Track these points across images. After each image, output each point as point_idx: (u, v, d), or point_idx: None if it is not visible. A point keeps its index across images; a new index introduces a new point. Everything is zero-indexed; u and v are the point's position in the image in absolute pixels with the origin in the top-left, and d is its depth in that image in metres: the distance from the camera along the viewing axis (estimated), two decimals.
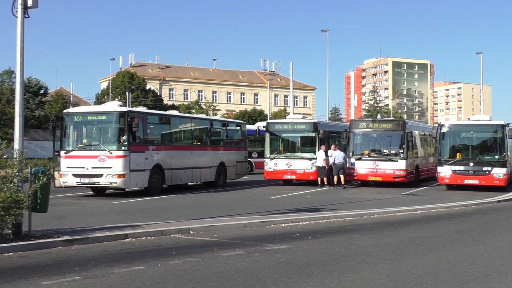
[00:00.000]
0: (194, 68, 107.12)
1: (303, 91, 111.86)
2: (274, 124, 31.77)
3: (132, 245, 11.56)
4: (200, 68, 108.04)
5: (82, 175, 22.21)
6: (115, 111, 22.57)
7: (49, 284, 8.02)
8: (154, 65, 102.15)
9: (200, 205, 20.15)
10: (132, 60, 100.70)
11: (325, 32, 54.49)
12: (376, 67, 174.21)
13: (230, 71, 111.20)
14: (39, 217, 12.84)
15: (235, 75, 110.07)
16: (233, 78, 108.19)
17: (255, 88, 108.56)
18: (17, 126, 12.05)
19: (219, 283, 8.12)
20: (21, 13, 11.92)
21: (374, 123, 30.04)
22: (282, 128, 30.82)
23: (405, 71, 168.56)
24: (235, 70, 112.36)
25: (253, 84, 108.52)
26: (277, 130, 30.74)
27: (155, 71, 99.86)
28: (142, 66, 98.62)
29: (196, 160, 27.15)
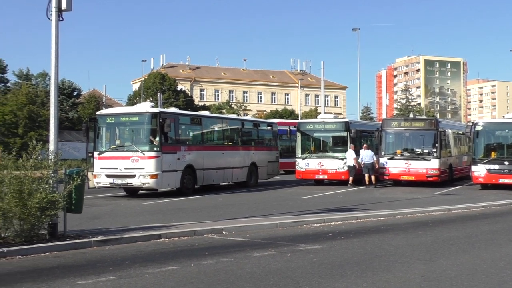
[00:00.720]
0: (225, 68, 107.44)
1: (334, 91, 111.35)
2: (305, 124, 31.71)
3: (165, 245, 11.64)
4: (230, 68, 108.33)
5: (115, 175, 22.42)
6: (147, 112, 22.75)
7: (85, 284, 8.10)
8: (185, 66, 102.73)
9: (232, 205, 20.19)
10: (164, 61, 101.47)
11: (356, 30, 54.27)
12: (408, 65, 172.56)
13: (261, 71, 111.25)
14: (73, 217, 12.99)
15: (266, 75, 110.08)
16: (263, 78, 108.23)
17: (285, 88, 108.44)
18: (52, 128, 12.21)
19: (252, 283, 8.12)
20: (55, 16, 12.08)
21: (406, 122, 29.80)
22: (313, 127, 30.72)
23: (438, 69, 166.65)
24: (266, 70, 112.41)
25: (283, 84, 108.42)
26: (308, 130, 30.65)
27: (186, 72, 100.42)
28: (173, 67, 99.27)
29: (228, 160, 27.21)
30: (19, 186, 10.90)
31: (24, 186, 10.97)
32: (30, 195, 10.91)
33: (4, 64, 71.55)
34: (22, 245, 10.65)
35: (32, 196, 10.90)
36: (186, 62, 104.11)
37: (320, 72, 56.68)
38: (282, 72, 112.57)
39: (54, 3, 12.04)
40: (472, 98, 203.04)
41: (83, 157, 40.51)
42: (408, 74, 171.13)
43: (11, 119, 57.89)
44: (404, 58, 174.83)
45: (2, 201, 10.77)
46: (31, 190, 11.00)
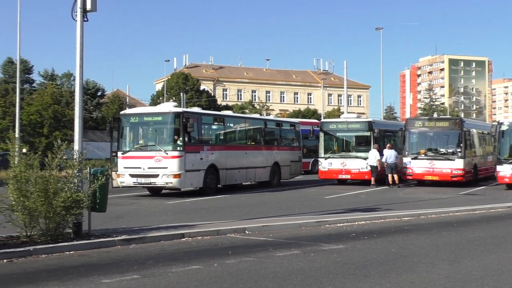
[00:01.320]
0: (248, 68, 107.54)
1: (357, 90, 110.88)
2: (328, 123, 31.64)
3: (189, 245, 11.68)
4: (253, 68, 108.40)
5: (139, 175, 22.55)
6: (170, 112, 22.85)
7: (109, 283, 8.16)
8: (208, 66, 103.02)
9: (254, 205, 20.20)
10: (187, 61, 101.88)
11: (380, 30, 53.94)
12: (432, 64, 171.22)
13: (284, 70, 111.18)
14: (98, 216, 13.09)
15: (289, 74, 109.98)
16: (286, 78, 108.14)
17: (308, 87, 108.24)
18: (76, 127, 12.31)
19: (275, 283, 8.12)
20: (80, 17, 12.19)
21: (430, 122, 29.59)
22: (336, 127, 30.63)
23: (462, 68, 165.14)
24: (289, 69, 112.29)
25: (306, 84, 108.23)
26: (332, 129, 30.58)
27: (209, 72, 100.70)
28: (196, 67, 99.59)
29: (251, 160, 27.24)
30: (44, 185, 11.01)
31: (50, 185, 11.08)
32: (55, 194, 11.02)
33: (30, 65, 72.37)
34: (47, 244, 10.76)
35: (57, 195, 11.01)
36: (209, 62, 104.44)
37: (343, 71, 56.54)
38: (305, 71, 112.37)
39: (79, 4, 12.15)
40: (497, 97, 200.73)
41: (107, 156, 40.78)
42: (432, 74, 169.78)
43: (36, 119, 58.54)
44: (428, 57, 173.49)
45: (28, 200, 10.89)
46: (56, 189, 11.12)
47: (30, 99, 62.32)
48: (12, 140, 12.67)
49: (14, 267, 9.38)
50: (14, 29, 40.01)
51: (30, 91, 69.47)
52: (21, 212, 10.94)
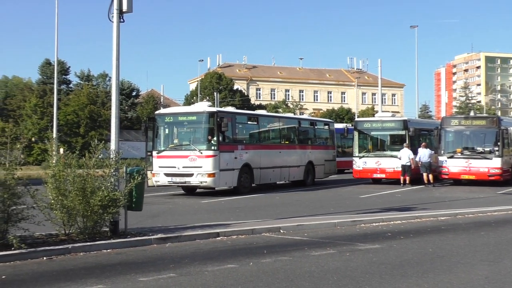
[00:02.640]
0: (281, 67, 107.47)
1: (392, 89, 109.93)
2: (363, 122, 31.45)
3: (224, 244, 11.71)
4: (286, 67, 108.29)
5: (174, 174, 22.71)
6: (204, 112, 22.96)
7: (146, 281, 8.23)
8: (242, 65, 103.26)
9: (289, 204, 20.18)
10: (220, 61, 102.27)
11: (414, 28, 53.39)
12: (468, 62, 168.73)
13: (317, 69, 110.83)
14: (134, 215, 13.22)
15: (322, 73, 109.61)
16: (320, 77, 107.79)
17: (342, 86, 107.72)
18: (113, 127, 12.43)
19: (311, 282, 8.09)
20: (117, 18, 12.31)
21: (467, 120, 29.19)
22: (370, 126, 30.42)
23: (499, 66, 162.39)
24: (322, 68, 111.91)
25: (340, 83, 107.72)
26: (366, 128, 30.39)
27: (242, 71, 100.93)
28: (230, 67, 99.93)
29: (285, 159, 27.22)
30: (82, 184, 11.16)
31: (87, 184, 11.22)
32: (92, 193, 11.16)
33: (67, 66, 73.47)
34: (85, 242, 10.90)
35: (94, 194, 11.15)
36: (242, 62, 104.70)
37: (377, 70, 56.13)
38: (338, 70, 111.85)
39: (115, 5, 12.27)
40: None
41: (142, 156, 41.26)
42: (467, 72, 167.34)
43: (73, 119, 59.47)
44: (463, 55, 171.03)
45: (66, 199, 11.05)
46: (94, 188, 11.25)
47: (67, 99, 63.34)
48: (51, 140, 12.87)
49: (54, 264, 9.52)
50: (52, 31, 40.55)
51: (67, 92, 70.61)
52: (60, 211, 11.10)
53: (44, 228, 11.15)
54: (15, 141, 11.80)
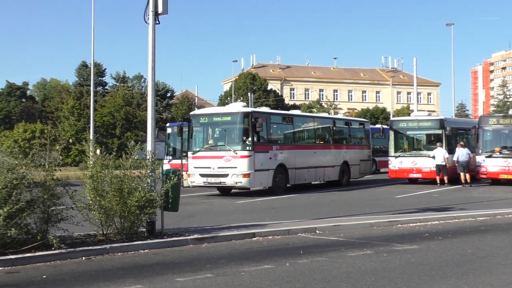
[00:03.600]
0: (315, 67, 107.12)
1: (427, 88, 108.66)
2: (399, 122, 31.16)
3: (260, 244, 11.71)
4: (320, 67, 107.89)
5: (209, 175, 22.81)
6: (239, 112, 23.01)
7: (183, 281, 8.27)
8: (275, 65, 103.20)
9: (324, 204, 20.09)
10: (254, 61, 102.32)
11: (450, 26, 52.69)
12: (506, 60, 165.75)
13: (351, 69, 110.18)
14: (170, 215, 13.29)
15: (356, 73, 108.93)
16: (354, 76, 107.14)
17: (376, 85, 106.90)
18: (149, 128, 12.53)
19: (349, 283, 8.03)
20: (152, 19, 12.41)
21: (505, 119, 28.68)
22: (406, 125, 30.14)
23: None
24: (356, 68, 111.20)
25: (374, 82, 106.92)
26: (402, 128, 30.11)
27: (276, 72, 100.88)
28: (264, 67, 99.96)
29: (319, 159, 27.13)
30: (119, 185, 11.27)
31: (124, 185, 11.33)
32: (129, 194, 11.26)
33: (103, 68, 74.44)
34: (123, 242, 11.01)
35: (131, 195, 11.24)
36: (276, 62, 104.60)
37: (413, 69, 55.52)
38: (373, 69, 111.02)
39: (151, 7, 12.37)
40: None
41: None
42: (505, 69, 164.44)
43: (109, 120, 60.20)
44: (501, 52, 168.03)
45: (104, 200, 11.17)
46: (131, 189, 11.35)
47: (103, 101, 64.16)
48: (88, 141, 13.05)
49: (92, 264, 9.64)
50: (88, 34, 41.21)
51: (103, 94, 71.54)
52: (98, 211, 11.23)
53: (83, 228, 11.29)
54: (54, 142, 11.96)
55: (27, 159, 10.51)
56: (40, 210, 10.57)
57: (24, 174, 10.26)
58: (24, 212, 9.99)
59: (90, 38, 38.30)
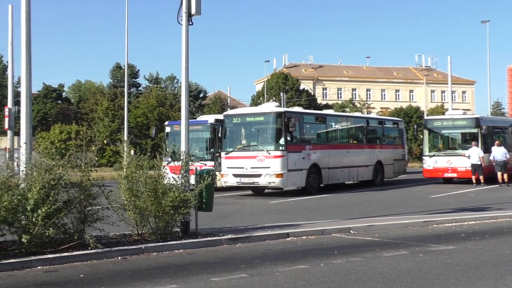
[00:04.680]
0: (347, 66, 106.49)
1: (462, 86, 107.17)
2: (433, 120, 30.83)
3: (294, 244, 11.69)
4: (353, 66, 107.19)
5: (242, 175, 22.86)
6: (272, 112, 23.01)
7: (218, 281, 8.29)
8: (307, 65, 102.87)
9: (358, 204, 19.97)
10: (286, 61, 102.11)
11: (486, 23, 51.92)
12: None
13: (384, 68, 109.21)
14: (203, 215, 13.34)
15: (389, 72, 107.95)
16: (387, 75, 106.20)
17: (410, 84, 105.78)
18: (183, 129, 12.60)
19: (384, 284, 7.96)
20: (186, 20, 12.48)
21: None
22: (441, 124, 29.80)
23: None
24: (389, 67, 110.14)
25: (408, 81, 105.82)
26: (436, 126, 29.78)
27: (308, 71, 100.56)
28: (296, 67, 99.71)
29: (353, 159, 26.99)
30: (154, 185, 11.37)
31: (158, 185, 11.42)
32: (164, 194, 11.34)
33: (136, 69, 75.14)
34: (157, 242, 11.10)
35: (166, 195, 11.33)
36: (308, 62, 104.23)
37: (447, 67, 54.81)
38: (406, 68, 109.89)
39: (184, 8, 12.44)
40: None
41: None
42: None
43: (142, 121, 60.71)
44: None
45: (139, 200, 11.28)
46: (165, 189, 11.44)
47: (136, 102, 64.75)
48: (123, 142, 13.17)
49: (128, 264, 9.73)
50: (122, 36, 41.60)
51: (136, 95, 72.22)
52: (133, 211, 11.34)
53: (118, 228, 11.42)
54: (90, 143, 12.12)
55: (64, 160, 10.66)
56: (77, 210, 10.72)
57: (61, 174, 10.41)
58: (62, 212, 10.14)
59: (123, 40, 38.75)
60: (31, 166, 10.54)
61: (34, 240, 9.67)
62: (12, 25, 26.36)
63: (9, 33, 26.45)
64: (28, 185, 10.02)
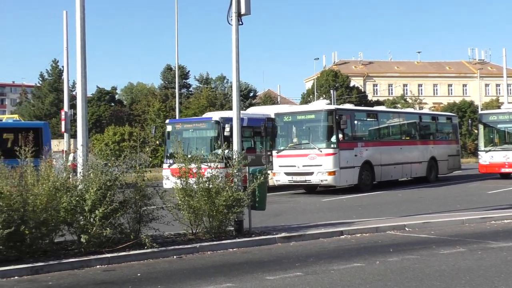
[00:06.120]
0: (398, 62, 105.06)
1: None
2: (488, 115, 30.16)
3: (348, 242, 11.62)
4: (404, 61, 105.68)
5: (294, 173, 22.83)
6: (323, 110, 22.93)
7: (273, 279, 8.30)
8: (357, 61, 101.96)
9: (412, 201, 19.69)
10: (335, 58, 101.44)
11: None
12: None
13: (436, 62, 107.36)
14: (256, 214, 13.36)
15: (442, 66, 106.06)
16: (439, 70, 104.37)
17: (463, 78, 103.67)
18: (235, 128, 12.65)
19: (442, 282, 7.83)
20: (235, 20, 12.53)
21: None
22: (497, 118, 29.12)
23: None
24: (441, 61, 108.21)
25: (461, 75, 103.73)
26: (492, 121, 29.12)
27: (358, 68, 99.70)
28: (346, 64, 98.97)
29: (406, 155, 26.62)
30: (207, 185, 11.45)
31: (212, 185, 11.49)
32: (217, 194, 11.41)
33: (187, 70, 75.86)
34: (212, 241, 11.18)
35: (219, 195, 11.40)
36: (358, 58, 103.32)
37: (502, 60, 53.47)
38: (459, 62, 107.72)
39: (234, 9, 12.49)
40: None
41: None
42: None
43: None
44: None
45: (193, 199, 11.38)
46: (218, 189, 11.50)
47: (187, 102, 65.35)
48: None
49: (183, 263, 9.84)
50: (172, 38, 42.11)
51: (187, 95, 72.87)
52: (187, 211, 11.45)
53: (173, 228, 11.55)
54: (143, 144, 12.28)
55: (119, 161, 10.84)
56: (133, 210, 10.90)
57: (117, 175, 10.59)
58: (118, 212, 10.33)
59: (174, 42, 39.16)
60: (87, 167, 10.76)
61: (92, 240, 9.88)
62: (66, 31, 26.97)
63: (64, 38, 27.07)
64: (85, 186, 10.24)
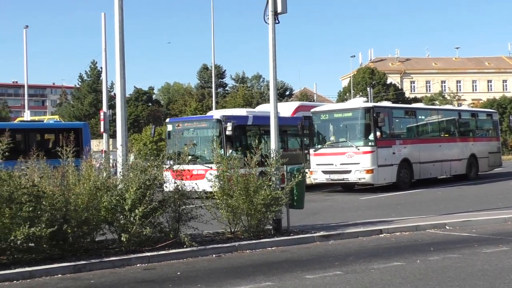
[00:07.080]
0: (436, 58, 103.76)
1: None
2: None
3: (387, 241, 11.52)
4: (442, 58, 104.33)
5: (331, 171, 22.75)
6: (360, 107, 22.78)
7: (313, 278, 8.27)
8: (394, 58, 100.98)
9: (452, 199, 19.43)
10: (372, 55, 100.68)
11: None
12: None
13: (475, 58, 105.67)
14: (294, 213, 13.32)
15: (481, 62, 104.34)
16: (478, 66, 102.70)
17: (503, 74, 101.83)
18: (272, 127, 12.64)
19: (486, 281, 7.70)
20: (272, 19, 12.53)
21: None
22: None
23: None
24: (480, 57, 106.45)
25: (501, 70, 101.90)
26: None
27: (395, 65, 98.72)
28: (382, 61, 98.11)
29: (445, 153, 26.29)
30: (245, 184, 11.47)
31: (250, 184, 11.51)
32: (255, 192, 11.41)
33: (223, 70, 76.21)
34: (250, 240, 11.21)
35: (257, 193, 11.39)
36: (394, 55, 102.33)
37: None
38: (498, 58, 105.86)
39: (270, 7, 12.49)
40: None
41: None
42: None
43: None
44: None
45: (231, 198, 11.41)
46: (256, 188, 11.50)
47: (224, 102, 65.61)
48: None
49: (222, 261, 9.88)
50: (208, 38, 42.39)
51: (223, 95, 73.23)
52: (225, 210, 11.49)
53: (212, 227, 11.60)
54: None
55: (158, 160, 10.93)
56: (172, 210, 10.97)
57: (156, 175, 10.69)
58: (157, 211, 10.42)
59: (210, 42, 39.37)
60: (127, 167, 10.88)
61: (132, 239, 9.99)
62: (105, 33, 27.29)
63: (103, 40, 27.39)
64: (125, 185, 10.35)
